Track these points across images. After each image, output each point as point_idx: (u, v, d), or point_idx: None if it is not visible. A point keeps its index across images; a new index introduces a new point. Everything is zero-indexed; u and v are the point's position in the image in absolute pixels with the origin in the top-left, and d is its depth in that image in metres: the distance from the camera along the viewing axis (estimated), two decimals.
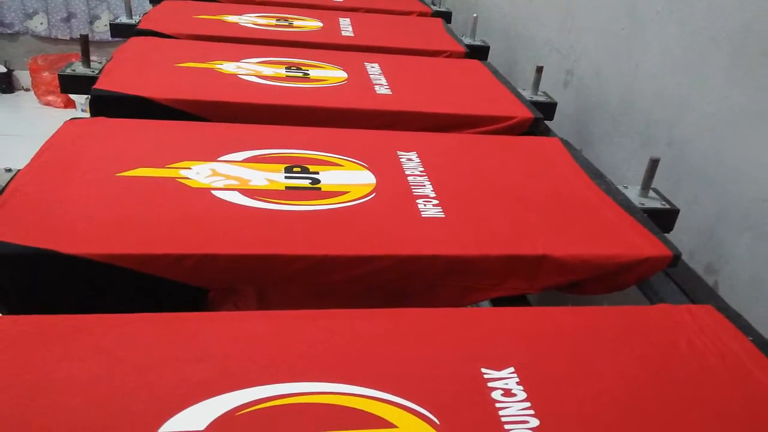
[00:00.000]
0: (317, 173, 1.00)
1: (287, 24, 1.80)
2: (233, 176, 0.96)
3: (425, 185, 1.00)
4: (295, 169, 1.00)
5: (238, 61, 1.41)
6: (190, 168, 0.97)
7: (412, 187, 0.99)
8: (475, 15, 1.96)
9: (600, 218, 0.97)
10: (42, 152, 0.97)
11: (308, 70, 1.42)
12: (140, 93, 1.18)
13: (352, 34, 1.78)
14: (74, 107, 4.07)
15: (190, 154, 1.01)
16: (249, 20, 1.78)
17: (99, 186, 0.89)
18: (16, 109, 4.27)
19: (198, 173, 0.95)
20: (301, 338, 0.68)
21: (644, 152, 1.38)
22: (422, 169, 1.05)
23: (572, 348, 0.71)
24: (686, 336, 0.74)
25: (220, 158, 1.01)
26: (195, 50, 1.46)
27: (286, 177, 0.98)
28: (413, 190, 0.98)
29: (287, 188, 0.94)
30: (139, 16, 1.71)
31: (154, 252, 0.77)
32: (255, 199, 0.90)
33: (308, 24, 1.82)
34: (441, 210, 0.93)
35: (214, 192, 0.91)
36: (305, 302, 0.84)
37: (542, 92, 1.53)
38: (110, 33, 1.83)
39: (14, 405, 0.56)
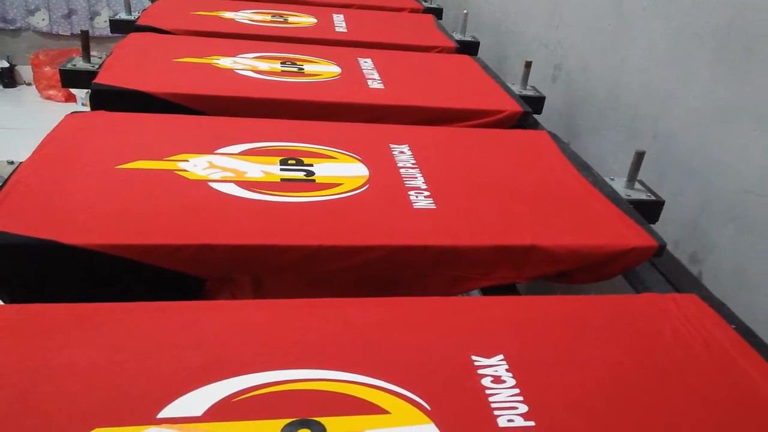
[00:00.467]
0: (312, 165, 1.01)
1: (282, 20, 1.81)
2: (230, 168, 0.97)
3: (417, 177, 1.01)
4: (290, 162, 1.01)
5: (235, 57, 1.42)
6: (188, 160, 0.97)
7: (404, 179, 1.00)
8: (466, 11, 1.97)
9: (587, 209, 0.98)
10: (43, 145, 0.97)
11: (303, 65, 1.43)
12: (139, 87, 1.19)
13: (346, 30, 1.79)
14: (75, 101, 4.07)
15: (188, 147, 1.01)
16: (245, 16, 1.78)
17: (99, 178, 0.90)
18: (19, 103, 4.28)
19: (195, 165, 0.96)
20: (296, 326, 0.69)
21: (630, 145, 1.39)
22: (414, 162, 1.07)
23: (560, 336, 0.72)
24: (671, 324, 0.75)
25: (217, 151, 1.02)
26: (192, 46, 1.47)
27: (282, 169, 0.99)
28: (405, 182, 0.99)
29: (282, 180, 0.95)
30: (138, 13, 1.72)
31: (153, 242, 0.78)
32: (251, 191, 0.91)
33: (303, 20, 1.83)
34: (432, 201, 0.95)
35: (211, 184, 0.92)
36: (300, 291, 0.85)
37: (531, 87, 1.54)
38: (110, 29, 1.84)
39: (16, 391, 0.57)
